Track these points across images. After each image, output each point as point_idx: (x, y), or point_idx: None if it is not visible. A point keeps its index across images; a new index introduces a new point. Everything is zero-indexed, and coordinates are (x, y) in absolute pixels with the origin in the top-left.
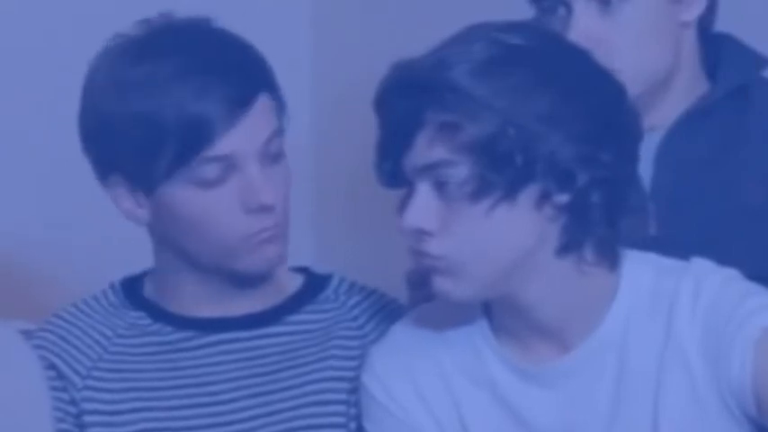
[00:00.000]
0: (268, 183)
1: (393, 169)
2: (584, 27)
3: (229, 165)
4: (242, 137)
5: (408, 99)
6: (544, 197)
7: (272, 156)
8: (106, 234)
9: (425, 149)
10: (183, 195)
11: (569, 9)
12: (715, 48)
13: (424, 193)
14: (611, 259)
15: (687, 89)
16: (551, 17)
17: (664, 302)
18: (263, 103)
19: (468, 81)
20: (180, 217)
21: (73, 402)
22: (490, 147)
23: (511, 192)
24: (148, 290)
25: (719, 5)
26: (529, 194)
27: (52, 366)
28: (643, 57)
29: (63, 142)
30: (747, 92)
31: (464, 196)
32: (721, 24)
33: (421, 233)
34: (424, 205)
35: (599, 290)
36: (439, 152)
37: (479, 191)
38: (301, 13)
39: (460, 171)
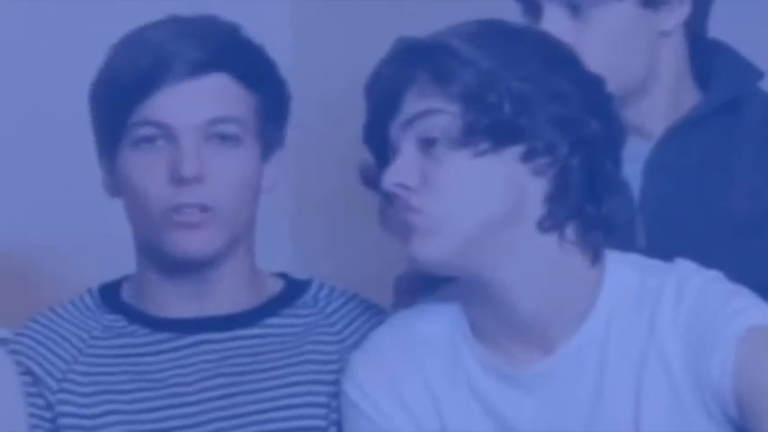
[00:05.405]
0: (197, 157)
1: (381, 136)
2: (553, 31)
3: (166, 133)
4: (178, 106)
5: (399, 63)
6: (528, 156)
7: (220, 137)
8: (107, 234)
9: (415, 102)
10: (124, 157)
11: (540, 12)
12: (708, 56)
13: (408, 151)
14: (593, 247)
15: (673, 98)
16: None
17: (648, 301)
18: (214, 81)
19: (458, 43)
20: (122, 182)
21: (48, 407)
22: (480, 94)
23: (496, 144)
24: (126, 293)
25: (718, 10)
26: (514, 152)
27: (28, 371)
28: (613, 63)
29: (63, 142)
30: (740, 104)
31: (449, 145)
32: (721, 26)
33: (403, 189)
34: (407, 162)
35: (580, 285)
36: (428, 102)
37: (465, 138)
38: (281, 20)
39: (447, 119)
